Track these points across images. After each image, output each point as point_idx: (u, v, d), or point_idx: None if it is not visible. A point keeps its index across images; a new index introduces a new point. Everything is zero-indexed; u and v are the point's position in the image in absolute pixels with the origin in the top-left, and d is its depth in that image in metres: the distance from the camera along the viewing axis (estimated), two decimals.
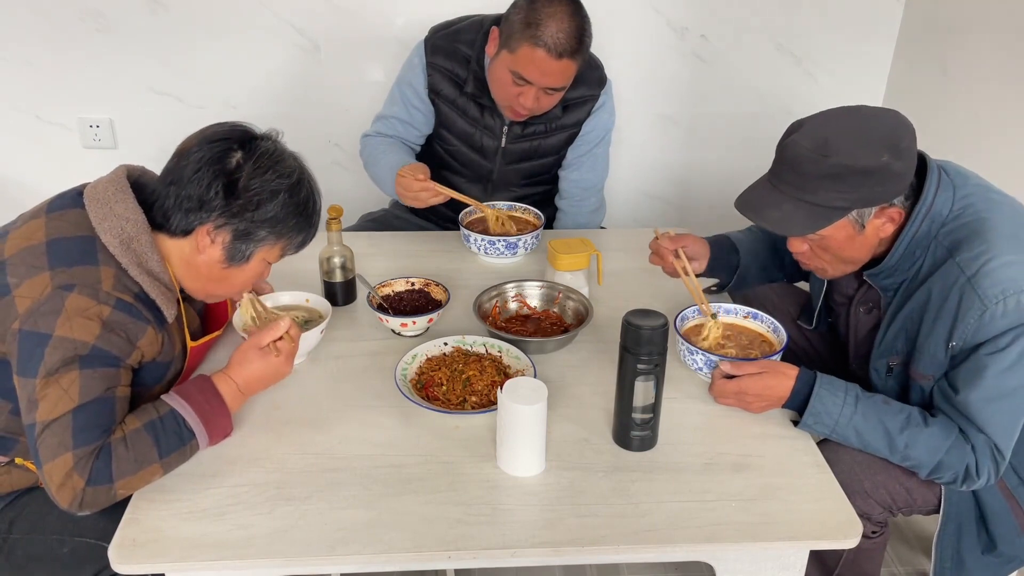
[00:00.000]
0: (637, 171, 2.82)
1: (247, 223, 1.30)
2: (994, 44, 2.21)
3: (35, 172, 2.69)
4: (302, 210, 1.35)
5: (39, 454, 1.18)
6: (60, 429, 1.17)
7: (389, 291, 1.71)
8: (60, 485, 1.17)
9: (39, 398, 1.18)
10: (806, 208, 1.34)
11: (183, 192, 1.28)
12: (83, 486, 1.17)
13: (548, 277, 1.78)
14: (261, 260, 1.36)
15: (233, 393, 1.32)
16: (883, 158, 1.28)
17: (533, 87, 1.88)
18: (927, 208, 1.36)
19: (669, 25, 2.62)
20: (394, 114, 2.10)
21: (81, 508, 1.19)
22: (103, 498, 1.19)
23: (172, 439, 1.24)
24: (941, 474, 1.36)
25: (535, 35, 1.80)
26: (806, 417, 1.37)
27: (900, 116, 1.37)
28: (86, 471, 1.17)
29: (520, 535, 1.18)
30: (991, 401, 1.31)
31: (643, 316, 1.26)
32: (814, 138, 1.32)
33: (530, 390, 1.26)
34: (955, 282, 1.33)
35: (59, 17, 2.47)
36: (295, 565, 1.15)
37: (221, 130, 1.32)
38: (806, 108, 2.89)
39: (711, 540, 1.18)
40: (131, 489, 1.22)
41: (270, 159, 1.30)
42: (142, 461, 1.20)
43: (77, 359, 1.19)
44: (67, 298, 1.20)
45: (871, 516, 1.44)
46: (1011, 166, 2.13)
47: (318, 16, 2.53)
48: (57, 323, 1.19)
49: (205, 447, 1.29)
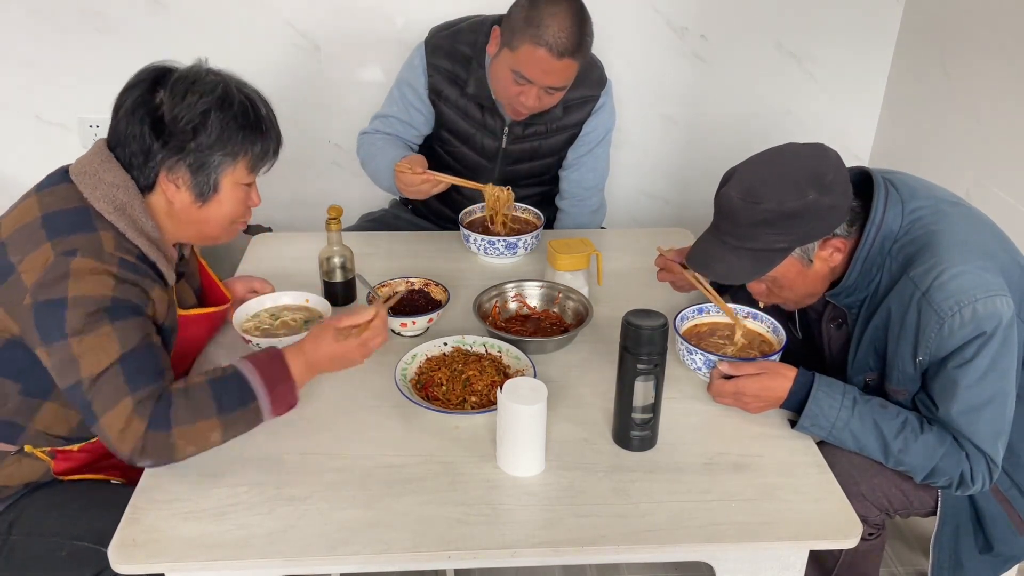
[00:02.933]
0: (637, 171, 2.82)
1: (194, 154, 1.28)
2: (994, 44, 2.21)
3: (35, 172, 2.66)
4: (244, 120, 1.31)
5: (93, 407, 1.18)
6: (112, 378, 1.18)
7: (389, 291, 1.71)
8: (121, 431, 1.17)
9: (77, 356, 1.18)
10: (748, 255, 1.37)
11: (128, 149, 1.28)
12: (144, 430, 1.17)
13: (548, 277, 1.78)
14: (233, 185, 1.34)
15: (301, 367, 1.30)
16: (809, 196, 1.30)
17: (534, 86, 1.88)
18: (876, 227, 1.38)
19: (669, 25, 2.62)
20: (393, 113, 2.10)
21: (143, 456, 1.19)
22: (163, 446, 1.19)
23: (233, 397, 1.23)
24: (936, 479, 1.36)
25: (536, 34, 1.80)
26: (803, 419, 1.37)
27: (824, 149, 1.38)
28: (146, 414, 1.17)
29: (520, 535, 1.18)
30: (971, 411, 1.32)
31: (643, 316, 1.27)
32: (742, 187, 1.35)
33: (530, 390, 1.26)
34: (911, 298, 1.34)
35: (59, 17, 2.47)
36: (295, 565, 1.15)
37: (137, 75, 1.30)
38: (806, 108, 2.90)
39: (711, 540, 1.18)
40: (189, 443, 1.21)
41: (185, 82, 1.28)
42: (201, 414, 1.20)
43: (103, 312, 1.19)
44: (71, 262, 1.20)
45: (868, 518, 1.45)
46: (1011, 166, 2.13)
47: (318, 16, 2.53)
48: (68, 286, 1.19)
49: (268, 415, 1.27)
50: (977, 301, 1.28)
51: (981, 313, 1.28)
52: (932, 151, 2.49)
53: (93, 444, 1.39)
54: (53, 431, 1.35)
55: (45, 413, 1.33)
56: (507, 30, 1.87)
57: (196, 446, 1.23)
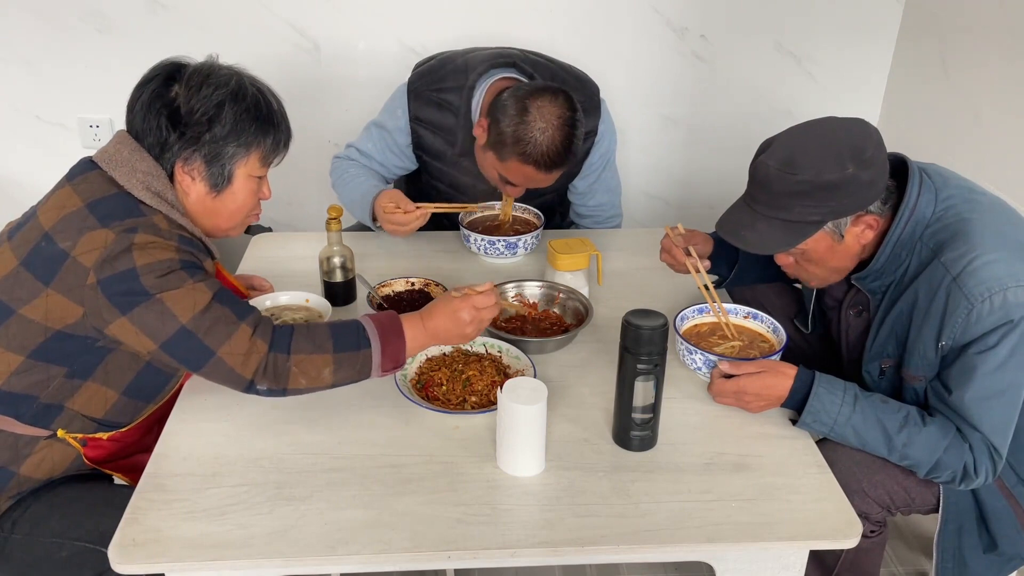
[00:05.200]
0: (637, 171, 2.82)
1: (209, 145, 1.31)
2: (994, 44, 2.21)
3: (35, 172, 2.68)
4: (257, 112, 1.34)
5: (207, 343, 1.22)
6: (217, 313, 1.23)
7: (389, 291, 1.71)
8: (245, 354, 1.22)
9: (169, 306, 1.22)
10: (781, 225, 1.36)
11: (145, 143, 1.31)
12: (267, 350, 1.24)
13: (548, 277, 1.78)
14: (246, 177, 1.37)
15: (416, 331, 1.35)
16: (848, 170, 1.30)
17: (521, 186, 1.87)
18: (910, 211, 1.38)
19: (669, 25, 2.62)
20: (370, 152, 2.03)
21: (263, 377, 1.24)
22: (281, 370, 1.24)
23: (350, 339, 1.28)
24: (939, 473, 1.36)
25: (524, 152, 1.76)
26: (804, 415, 1.37)
27: (865, 125, 1.38)
28: (268, 336, 1.24)
29: (520, 535, 1.18)
30: (984, 400, 1.32)
31: (643, 316, 1.27)
32: (780, 157, 1.34)
33: (530, 390, 1.26)
34: (941, 282, 1.34)
35: (59, 17, 2.47)
36: (295, 565, 1.15)
37: (152, 70, 1.34)
38: (806, 108, 2.90)
39: (711, 540, 1.18)
40: (302, 372, 1.25)
41: (200, 75, 1.31)
42: (318, 347, 1.26)
43: (176, 272, 1.23)
44: (134, 237, 1.23)
45: (869, 515, 1.45)
46: (1011, 166, 2.13)
47: (318, 16, 2.53)
48: (135, 257, 1.22)
49: (377, 368, 1.30)
50: (1008, 289, 1.28)
51: (1011, 301, 1.28)
52: (932, 151, 2.49)
53: (123, 433, 1.41)
54: (88, 411, 1.36)
55: (84, 392, 1.34)
56: (495, 134, 1.80)
57: (308, 378, 1.26)
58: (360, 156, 2.05)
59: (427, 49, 2.45)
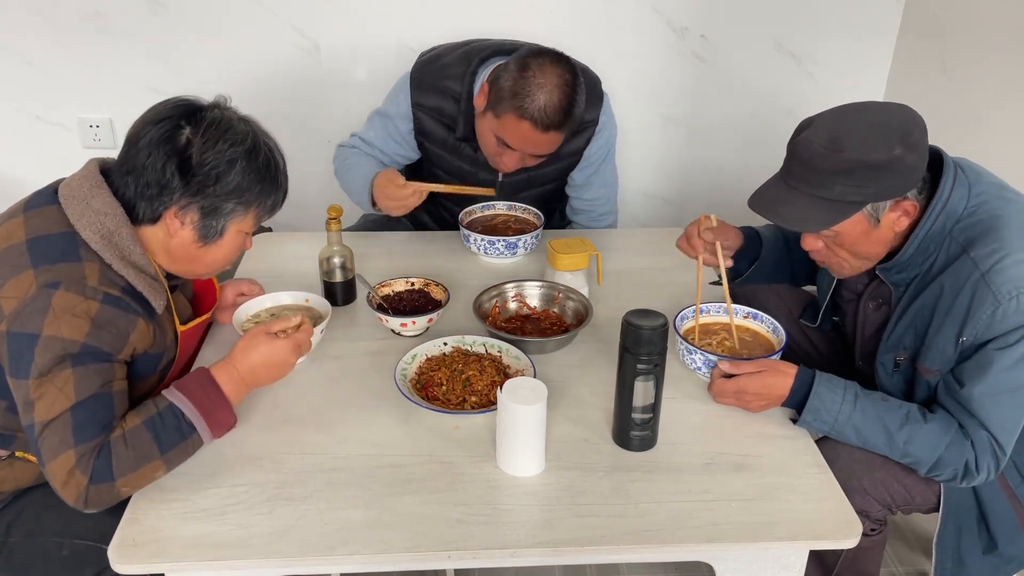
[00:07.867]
0: (637, 171, 2.82)
1: (211, 199, 1.28)
2: (994, 44, 2.21)
3: (35, 172, 2.66)
4: (264, 174, 1.32)
5: (41, 454, 1.18)
6: (60, 427, 1.17)
7: (389, 291, 1.71)
8: (64, 483, 1.17)
9: (35, 399, 1.18)
10: (821, 204, 1.34)
11: (141, 180, 1.27)
12: (86, 484, 1.17)
13: (548, 277, 1.78)
14: (236, 232, 1.35)
15: (234, 382, 1.30)
16: (895, 151, 1.29)
17: (516, 152, 1.85)
18: (943, 204, 1.37)
19: (669, 25, 2.62)
20: (371, 140, 2.05)
21: (87, 506, 1.19)
22: (107, 496, 1.19)
23: (172, 434, 1.23)
24: (941, 471, 1.36)
25: (521, 106, 1.74)
26: (805, 414, 1.37)
27: (909, 110, 1.37)
28: (88, 469, 1.17)
29: (520, 535, 1.18)
30: (995, 396, 1.32)
31: (643, 316, 1.26)
32: (825, 134, 1.32)
33: (530, 390, 1.26)
34: (969, 277, 1.33)
35: (59, 17, 2.47)
36: (295, 565, 1.15)
37: (165, 108, 1.29)
38: (806, 108, 2.88)
39: (711, 540, 1.18)
40: (135, 486, 1.21)
41: (218, 128, 1.27)
42: (143, 458, 1.20)
43: (68, 357, 1.19)
44: (53, 296, 1.19)
45: (869, 514, 1.45)
46: (1011, 166, 2.13)
47: (318, 16, 2.53)
48: (45, 322, 1.18)
49: (208, 441, 1.28)
50: None
51: None
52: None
53: None
54: None
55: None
56: (494, 93, 1.80)
57: (141, 485, 1.22)
58: (363, 144, 2.06)
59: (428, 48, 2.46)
